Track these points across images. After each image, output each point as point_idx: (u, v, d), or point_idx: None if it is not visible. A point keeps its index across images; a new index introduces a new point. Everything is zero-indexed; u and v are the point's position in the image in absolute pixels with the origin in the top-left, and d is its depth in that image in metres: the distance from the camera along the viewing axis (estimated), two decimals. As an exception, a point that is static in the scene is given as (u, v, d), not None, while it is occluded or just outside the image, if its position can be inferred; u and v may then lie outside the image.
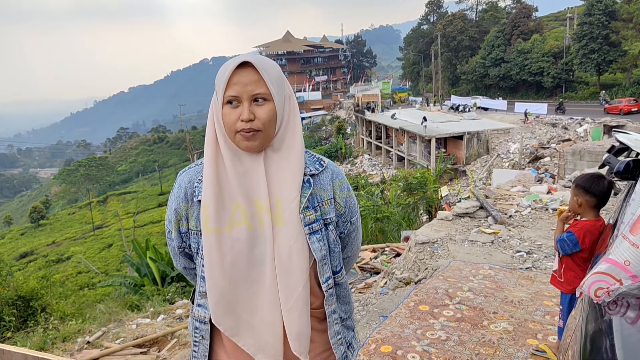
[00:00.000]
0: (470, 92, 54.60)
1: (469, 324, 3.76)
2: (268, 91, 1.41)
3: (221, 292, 1.45)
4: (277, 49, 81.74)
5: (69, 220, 50.06)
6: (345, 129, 50.55)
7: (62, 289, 17.32)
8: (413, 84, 73.67)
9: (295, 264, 1.44)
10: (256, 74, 1.40)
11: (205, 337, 1.54)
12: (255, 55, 1.43)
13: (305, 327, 1.46)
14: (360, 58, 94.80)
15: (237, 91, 1.40)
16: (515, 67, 50.21)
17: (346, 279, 1.65)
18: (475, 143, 28.59)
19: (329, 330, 1.56)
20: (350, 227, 1.64)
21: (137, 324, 6.50)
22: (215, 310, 1.46)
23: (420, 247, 5.85)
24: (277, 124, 1.46)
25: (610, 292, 1.70)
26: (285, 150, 1.48)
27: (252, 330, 1.46)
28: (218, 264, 1.44)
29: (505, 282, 4.60)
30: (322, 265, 1.52)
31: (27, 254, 38.67)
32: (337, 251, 1.58)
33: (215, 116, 1.46)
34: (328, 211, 1.54)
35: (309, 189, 1.50)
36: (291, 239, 1.45)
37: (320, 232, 1.51)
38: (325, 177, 1.56)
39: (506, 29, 53.61)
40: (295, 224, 1.45)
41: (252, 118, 1.39)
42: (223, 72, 1.41)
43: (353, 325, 1.69)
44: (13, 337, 7.00)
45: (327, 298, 1.54)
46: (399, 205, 15.62)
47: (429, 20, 74.18)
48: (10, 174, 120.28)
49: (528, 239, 5.89)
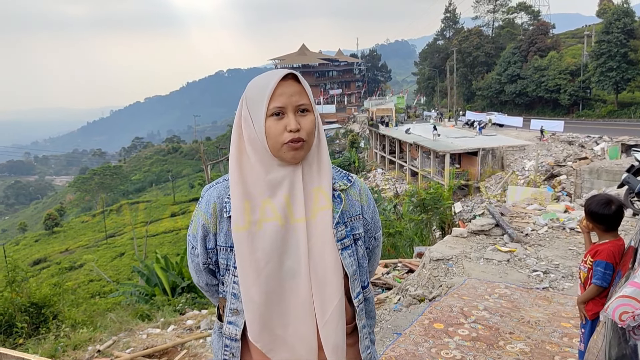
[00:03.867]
0: (485, 108, 54.36)
1: (484, 343, 3.68)
2: (309, 102, 1.43)
3: (258, 307, 1.42)
4: (292, 62, 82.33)
5: (82, 228, 50.45)
6: (358, 142, 50.55)
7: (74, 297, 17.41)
8: (428, 99, 73.62)
9: (330, 278, 1.44)
10: (298, 85, 1.42)
11: (236, 354, 1.52)
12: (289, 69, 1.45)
13: (342, 340, 1.46)
14: (375, 72, 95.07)
15: (283, 102, 1.40)
16: (532, 83, 49.92)
17: (372, 294, 1.65)
18: (490, 159, 28.37)
19: (360, 345, 1.56)
20: (374, 243, 1.65)
21: (147, 333, 6.48)
22: (253, 327, 1.44)
23: (434, 263, 5.77)
24: (315, 134, 1.46)
25: (636, 316, 1.65)
26: (316, 163, 1.48)
27: (286, 344, 1.45)
28: (254, 280, 1.41)
29: (521, 302, 4.51)
30: (354, 281, 1.52)
31: (41, 260, 38.95)
32: (365, 266, 1.59)
33: (248, 132, 1.44)
34: (357, 227, 1.55)
35: (341, 204, 1.50)
36: (326, 254, 1.44)
37: (351, 248, 1.51)
38: (354, 193, 1.56)
39: (523, 46, 53.44)
40: (329, 239, 1.45)
41: (299, 127, 1.40)
42: (265, 85, 1.41)
43: (375, 339, 1.69)
44: (25, 343, 7.01)
45: (358, 313, 1.54)
46: (411, 221, 15.49)
47: (445, 36, 74.29)
48: (26, 180, 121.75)
49: (545, 258, 5.78)
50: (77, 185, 67.80)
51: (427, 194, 16.02)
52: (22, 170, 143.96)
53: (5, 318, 7.36)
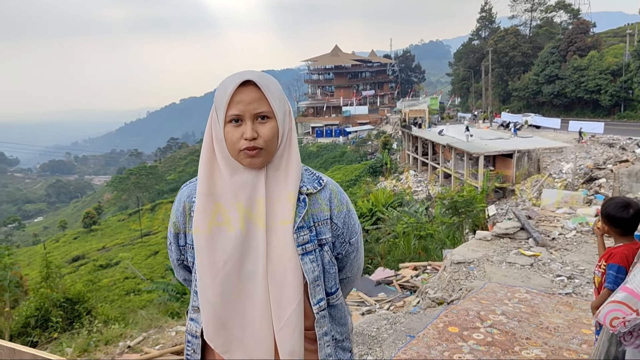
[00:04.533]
0: (522, 109, 53.23)
1: (499, 348, 3.63)
2: (270, 109, 1.40)
3: (213, 307, 1.43)
4: (324, 63, 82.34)
5: (119, 226, 51.76)
6: (391, 144, 50.20)
7: (108, 293, 17.85)
8: (462, 100, 72.56)
9: (289, 282, 1.42)
10: (258, 92, 1.39)
11: (196, 351, 1.53)
12: (256, 72, 1.42)
13: (298, 346, 1.43)
14: (408, 73, 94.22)
15: (240, 110, 1.38)
16: (571, 84, 48.62)
17: (342, 300, 1.61)
18: (526, 162, 27.77)
19: (319, 352, 1.52)
20: (349, 248, 1.60)
21: (176, 331, 6.62)
22: (208, 327, 1.45)
23: (455, 266, 5.72)
24: (279, 141, 1.44)
25: (627, 322, 1.65)
26: (284, 167, 1.46)
27: (243, 346, 1.44)
28: (211, 280, 1.42)
29: (542, 307, 4.42)
30: (314, 287, 1.48)
31: (79, 257, 40.14)
32: (332, 272, 1.54)
33: (215, 134, 1.45)
34: (323, 231, 1.51)
35: (304, 209, 1.46)
36: (285, 258, 1.42)
37: (314, 253, 1.48)
38: (323, 197, 1.52)
39: (561, 45, 52.09)
40: (289, 244, 1.43)
41: (255, 137, 1.38)
42: (224, 91, 1.40)
43: (350, 347, 1.65)
44: (59, 337, 7.26)
45: (318, 320, 1.50)
46: (443, 224, 15.32)
47: (480, 36, 73.04)
48: (67, 180, 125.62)
49: (570, 263, 5.66)
50: (115, 184, 69.50)
51: (459, 197, 15.83)
52: (63, 169, 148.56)
53: (42, 313, 7.63)
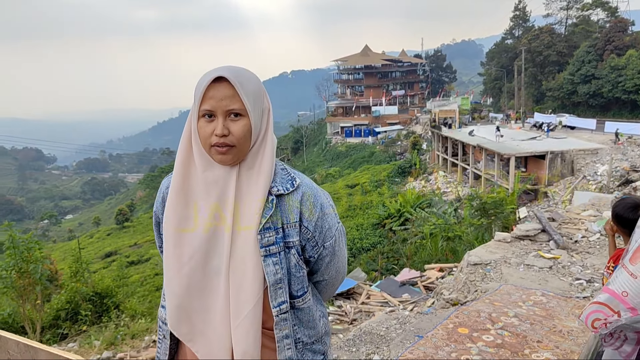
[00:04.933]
0: (556, 109, 52.07)
1: (508, 351, 3.55)
2: (243, 107, 1.38)
3: (178, 299, 1.46)
4: (354, 63, 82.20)
5: (150, 223, 52.57)
6: (420, 144, 49.77)
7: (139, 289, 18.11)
8: (494, 100, 71.44)
9: (248, 283, 1.41)
10: (231, 89, 1.37)
11: (166, 336, 1.57)
12: (232, 67, 1.40)
13: (252, 347, 1.42)
14: (439, 73, 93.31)
15: (212, 106, 1.38)
16: (608, 84, 47.33)
17: (312, 304, 1.57)
18: (559, 163, 27.13)
19: (278, 354, 1.49)
20: (323, 252, 1.55)
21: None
22: (171, 317, 1.48)
23: (472, 268, 5.63)
24: (253, 139, 1.43)
25: (608, 324, 1.62)
26: (257, 166, 1.45)
27: (205, 338, 1.46)
28: (176, 272, 1.45)
29: (557, 311, 4.30)
30: (276, 290, 1.46)
31: (112, 253, 41.07)
32: (299, 276, 1.51)
33: (193, 127, 1.44)
34: (291, 234, 1.48)
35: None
36: (246, 257, 1.41)
37: (278, 255, 1.45)
38: (294, 199, 1.48)
39: (598, 44, 50.75)
40: (251, 244, 1.41)
41: (226, 133, 1.37)
42: (199, 85, 1.39)
43: (324, 350, 1.61)
44: (88, 330, 7.41)
45: (277, 322, 1.48)
46: (471, 225, 15.07)
47: (514, 35, 71.78)
48: (101, 177, 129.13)
49: (591, 267, 5.48)
50: (147, 182, 70.91)
51: (488, 198, 15.56)
52: (97, 167, 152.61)
53: (72, 306, 7.81)
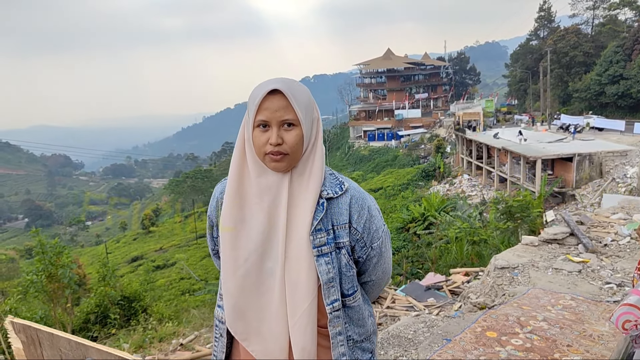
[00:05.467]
0: (583, 110, 51.08)
1: (538, 354, 3.51)
2: (296, 117, 1.46)
3: (234, 299, 1.55)
4: (377, 66, 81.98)
5: (175, 228, 53.31)
6: (444, 147, 49.33)
7: (165, 293, 18.36)
8: (520, 102, 70.46)
9: (303, 282, 1.50)
10: (285, 100, 1.45)
11: (223, 335, 1.67)
12: (286, 80, 1.48)
13: (310, 343, 1.51)
14: (462, 75, 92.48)
15: (267, 116, 1.46)
16: (637, 84, 46.24)
17: (361, 302, 1.66)
18: (587, 165, 26.61)
19: (332, 351, 1.58)
20: (371, 252, 1.63)
21: (227, 331, 6.71)
22: (229, 315, 1.57)
23: (499, 271, 5.57)
24: (304, 147, 1.51)
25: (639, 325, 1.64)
26: (307, 172, 1.53)
27: (260, 337, 1.55)
28: (232, 273, 1.54)
29: (587, 315, 4.22)
30: (329, 288, 1.54)
31: (138, 258, 41.68)
32: (349, 275, 1.59)
33: (247, 136, 1.53)
34: (342, 235, 1.56)
35: (322, 212, 1.52)
36: (300, 258, 1.50)
37: (329, 255, 1.53)
38: (343, 202, 1.57)
39: (627, 44, 49.65)
40: (304, 245, 1.50)
41: (280, 142, 1.46)
42: (255, 97, 1.48)
43: (372, 348, 1.69)
44: (117, 333, 7.53)
45: (331, 320, 1.57)
46: (497, 229, 14.87)
47: (539, 36, 70.73)
48: (127, 182, 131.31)
49: (621, 270, 5.36)
50: (172, 187, 71.76)
51: (514, 201, 15.33)
52: (124, 172, 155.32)
53: (101, 309, 7.95)
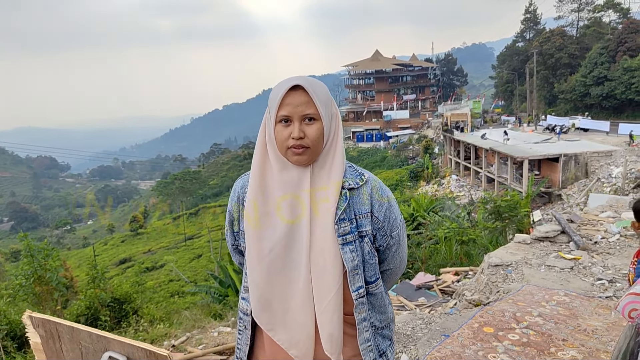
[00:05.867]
0: (569, 112, 51.68)
1: (534, 349, 3.60)
2: (317, 112, 1.53)
3: (260, 290, 1.60)
4: (365, 67, 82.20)
5: (163, 230, 53.01)
6: (432, 148, 49.62)
7: (154, 295, 18.27)
8: (506, 103, 71.06)
9: (329, 270, 1.55)
10: (306, 96, 1.53)
11: (247, 327, 1.71)
12: (306, 77, 1.56)
13: (337, 330, 1.57)
14: (450, 76, 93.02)
15: (289, 111, 1.53)
16: (621, 85, 46.90)
17: (382, 290, 1.72)
18: (573, 166, 26.94)
19: (358, 337, 1.65)
20: (390, 241, 1.70)
21: (218, 331, 6.72)
22: (255, 306, 1.62)
23: (493, 269, 5.68)
24: (325, 141, 1.58)
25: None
26: (328, 165, 1.59)
27: (286, 327, 1.60)
28: (257, 264, 1.59)
29: (580, 310, 4.34)
30: (354, 275, 1.61)
31: (126, 260, 41.32)
32: (372, 262, 1.66)
33: (268, 132, 1.60)
34: (364, 224, 1.62)
35: (345, 202, 1.58)
36: (325, 247, 1.55)
37: (354, 244, 1.60)
38: (364, 192, 1.64)
39: (611, 46, 50.35)
40: (329, 234, 1.56)
41: (302, 136, 1.52)
42: (277, 93, 1.55)
43: (391, 335, 1.76)
44: (108, 336, 7.49)
45: (357, 306, 1.63)
46: (485, 229, 15.02)
47: (525, 37, 71.45)
48: (114, 184, 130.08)
49: (612, 267, 5.50)
50: (160, 189, 71.24)
51: (502, 201, 15.49)
52: (111, 174, 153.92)
53: (91, 311, 7.90)
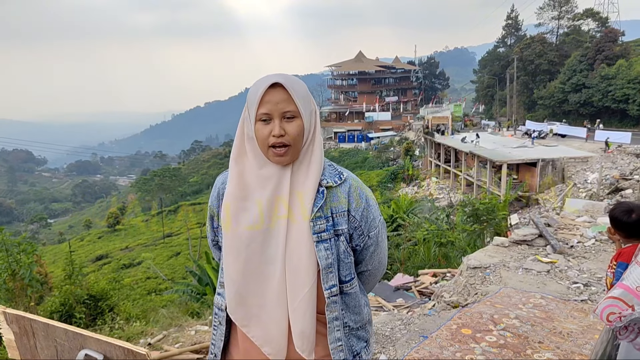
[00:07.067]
0: (547, 117, 52.53)
1: (511, 351, 3.66)
2: (297, 109, 1.53)
3: (236, 285, 1.60)
4: (348, 68, 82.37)
5: (142, 227, 52.43)
6: (413, 150, 49.96)
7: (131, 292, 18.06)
8: (487, 108, 71.91)
9: (303, 267, 1.56)
10: (286, 93, 1.52)
11: (222, 322, 1.71)
12: (284, 75, 1.55)
13: (309, 327, 1.57)
14: (432, 80, 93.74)
15: (269, 109, 1.52)
16: (598, 93, 47.86)
17: (358, 290, 1.72)
18: (550, 171, 27.40)
19: (328, 336, 1.64)
20: (368, 241, 1.70)
21: (195, 330, 6.67)
22: (230, 301, 1.63)
23: (471, 271, 5.76)
24: (304, 138, 1.58)
25: (622, 317, 1.72)
26: (307, 162, 1.60)
27: (260, 323, 1.60)
28: (234, 260, 1.59)
29: (556, 313, 4.42)
30: (327, 273, 1.61)
31: (103, 256, 40.73)
32: (347, 262, 1.66)
33: (247, 130, 1.59)
34: (340, 222, 1.63)
35: (322, 200, 1.59)
36: (301, 244, 1.56)
37: (329, 242, 1.60)
38: (342, 191, 1.64)
39: (589, 54, 51.33)
40: (305, 231, 1.56)
41: (282, 133, 1.52)
42: (255, 91, 1.54)
43: (367, 337, 1.75)
44: (82, 333, 7.38)
45: (328, 304, 1.62)
46: (464, 231, 15.17)
47: (506, 43, 72.41)
48: (92, 180, 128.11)
49: (587, 271, 5.63)
50: (139, 185, 70.39)
51: (481, 204, 15.67)
52: (89, 170, 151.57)
53: (66, 308, 7.78)
